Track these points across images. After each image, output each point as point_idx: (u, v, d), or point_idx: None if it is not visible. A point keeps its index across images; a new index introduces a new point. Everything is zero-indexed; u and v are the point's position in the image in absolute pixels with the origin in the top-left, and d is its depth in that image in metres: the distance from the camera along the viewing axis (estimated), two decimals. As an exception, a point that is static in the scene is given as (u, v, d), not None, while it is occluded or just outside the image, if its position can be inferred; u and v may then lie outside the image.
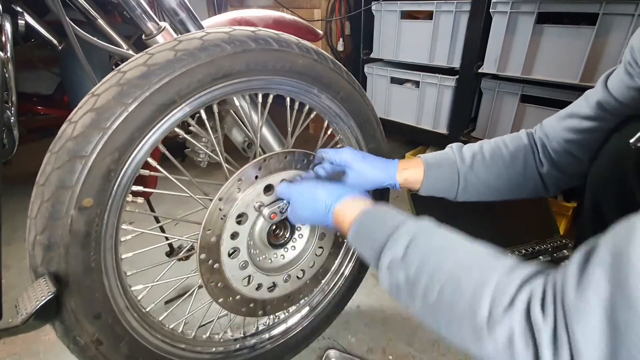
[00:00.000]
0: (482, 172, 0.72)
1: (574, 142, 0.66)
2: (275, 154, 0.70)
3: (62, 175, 0.49)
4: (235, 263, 0.70)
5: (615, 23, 1.25)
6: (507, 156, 0.72)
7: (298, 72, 0.69)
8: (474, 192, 0.74)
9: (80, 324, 0.55)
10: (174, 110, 0.57)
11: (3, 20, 0.83)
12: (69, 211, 0.50)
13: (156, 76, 0.52)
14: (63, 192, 0.49)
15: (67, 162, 0.49)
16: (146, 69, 0.52)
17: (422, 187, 0.75)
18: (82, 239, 0.52)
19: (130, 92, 0.51)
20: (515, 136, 0.75)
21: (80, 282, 0.53)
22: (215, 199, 0.64)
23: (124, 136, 0.51)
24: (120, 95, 0.51)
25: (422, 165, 0.75)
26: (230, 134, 0.91)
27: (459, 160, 0.73)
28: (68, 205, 0.49)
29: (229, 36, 0.59)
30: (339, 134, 0.86)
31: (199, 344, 0.77)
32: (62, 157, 0.49)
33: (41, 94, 1.60)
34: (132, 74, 0.52)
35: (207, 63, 0.56)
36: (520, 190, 0.74)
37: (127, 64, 0.54)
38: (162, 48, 0.55)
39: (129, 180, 0.56)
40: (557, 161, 0.69)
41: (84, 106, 0.51)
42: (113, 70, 0.55)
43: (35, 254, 0.51)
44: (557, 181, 0.72)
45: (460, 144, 0.77)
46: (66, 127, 0.51)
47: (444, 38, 1.66)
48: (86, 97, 0.52)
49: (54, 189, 0.49)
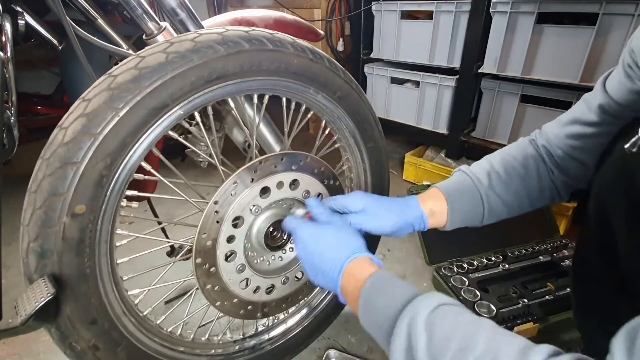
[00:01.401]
0: (502, 189, 0.69)
1: (579, 148, 0.64)
2: (272, 155, 0.69)
3: (54, 182, 0.49)
4: (232, 266, 0.69)
5: (615, 23, 1.25)
6: (520, 168, 0.69)
7: (294, 72, 0.68)
8: (498, 211, 0.70)
9: (77, 330, 0.54)
10: (167, 114, 0.56)
11: (3, 20, 0.83)
12: (62, 218, 0.49)
13: (147, 80, 0.51)
14: (55, 200, 0.49)
15: (59, 168, 0.48)
16: (137, 73, 0.52)
17: (448, 220, 0.69)
18: (76, 245, 0.51)
19: (121, 96, 0.50)
20: (519, 146, 0.73)
21: (75, 288, 0.53)
22: (211, 202, 0.63)
23: (115, 141, 0.51)
24: (111, 100, 0.50)
25: (442, 196, 0.69)
26: (231, 134, 0.90)
27: (476, 181, 0.70)
28: (60, 213, 0.49)
29: (222, 37, 0.58)
30: (337, 134, 0.85)
31: (198, 346, 0.77)
32: (53, 164, 0.49)
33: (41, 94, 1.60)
34: (123, 78, 0.51)
35: (200, 65, 0.55)
36: (540, 200, 0.71)
37: (118, 68, 0.53)
38: (154, 51, 0.54)
39: (122, 185, 0.55)
40: (563, 166, 0.68)
41: (74, 111, 0.51)
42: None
43: (29, 262, 0.51)
44: (566, 186, 0.70)
45: (466, 166, 0.74)
46: (57, 133, 0.50)
47: (444, 38, 1.66)
48: (77, 101, 0.52)
49: (45, 196, 0.49)
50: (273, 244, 0.78)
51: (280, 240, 0.79)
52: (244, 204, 0.67)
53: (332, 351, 0.98)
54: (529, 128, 1.52)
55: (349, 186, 0.92)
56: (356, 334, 1.05)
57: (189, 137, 0.89)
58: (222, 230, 0.65)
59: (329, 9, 2.14)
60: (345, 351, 0.99)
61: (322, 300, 0.96)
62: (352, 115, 0.81)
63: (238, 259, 0.70)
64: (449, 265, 1.21)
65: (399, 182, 1.89)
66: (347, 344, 1.02)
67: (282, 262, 0.80)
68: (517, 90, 1.53)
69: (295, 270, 0.81)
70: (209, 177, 1.79)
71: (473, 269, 1.20)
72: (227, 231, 0.66)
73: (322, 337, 1.03)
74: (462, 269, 1.20)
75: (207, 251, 0.65)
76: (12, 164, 1.02)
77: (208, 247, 0.64)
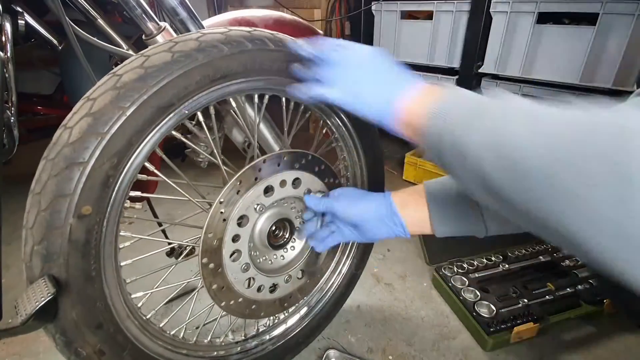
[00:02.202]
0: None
1: None
2: (275, 154, 0.69)
3: (60, 182, 0.48)
4: (237, 266, 0.69)
5: (615, 23, 1.24)
6: None
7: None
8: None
9: (82, 335, 0.54)
10: (172, 113, 0.55)
11: (3, 20, 0.82)
12: (68, 219, 0.49)
13: (154, 78, 0.51)
14: (61, 200, 0.48)
15: (65, 169, 0.48)
16: (143, 72, 0.51)
17: (433, 223, 0.61)
18: (82, 247, 0.51)
19: (128, 95, 0.50)
20: None
21: (81, 292, 0.52)
22: (216, 202, 0.63)
23: (122, 141, 0.50)
24: (117, 99, 0.50)
25: (424, 196, 0.62)
26: (230, 134, 0.90)
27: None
28: (67, 214, 0.48)
29: (225, 37, 0.58)
30: (335, 133, 0.85)
31: (200, 348, 0.77)
32: (59, 164, 0.48)
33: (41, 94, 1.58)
34: (128, 77, 0.51)
35: (205, 64, 0.55)
36: None
37: (122, 67, 0.53)
38: (158, 50, 0.54)
39: (127, 185, 0.55)
40: None
41: (79, 111, 0.50)
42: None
43: (33, 265, 0.50)
44: None
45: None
46: (62, 133, 0.50)
47: (444, 38, 1.66)
48: (81, 101, 0.51)
49: (51, 197, 0.48)
50: (275, 243, 0.78)
51: (282, 239, 0.79)
52: (249, 202, 0.67)
53: (332, 351, 0.98)
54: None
55: (345, 185, 0.93)
56: (356, 334, 1.05)
57: (189, 137, 0.89)
58: (228, 230, 0.65)
59: (329, 9, 2.14)
60: (345, 351, 0.99)
61: (321, 299, 0.96)
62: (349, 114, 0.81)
63: (243, 258, 0.70)
64: (449, 265, 1.21)
65: (399, 182, 1.90)
66: (347, 344, 1.02)
67: (285, 261, 0.80)
68: (516, 90, 1.54)
69: (298, 268, 0.81)
70: (209, 177, 1.78)
71: (473, 269, 1.21)
72: (232, 230, 0.66)
73: (322, 337, 1.03)
74: (462, 269, 1.20)
75: (213, 251, 0.64)
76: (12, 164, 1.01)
77: (214, 246, 0.64)
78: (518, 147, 0.34)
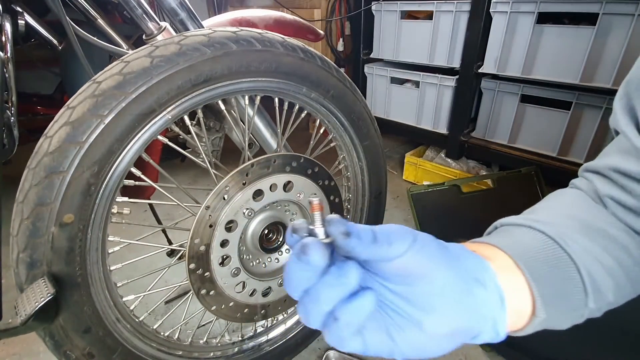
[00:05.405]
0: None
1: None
2: (263, 158, 0.68)
3: (41, 192, 0.48)
4: (227, 270, 0.69)
5: (615, 23, 1.23)
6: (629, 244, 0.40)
7: (285, 72, 0.66)
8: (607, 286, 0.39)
9: (70, 339, 0.55)
10: (155, 119, 0.55)
11: (3, 20, 0.82)
12: (50, 228, 0.49)
13: (132, 85, 0.51)
14: (42, 209, 0.48)
15: (45, 178, 0.48)
16: (121, 78, 0.51)
17: (537, 310, 0.35)
18: (65, 255, 0.51)
19: (106, 103, 0.49)
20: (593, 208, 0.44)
21: (67, 298, 0.53)
22: (202, 207, 0.62)
23: (102, 149, 0.50)
24: (95, 107, 0.49)
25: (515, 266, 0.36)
26: (231, 135, 0.89)
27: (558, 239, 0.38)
28: (48, 223, 0.49)
29: (208, 39, 0.57)
30: (332, 133, 0.83)
31: (196, 349, 0.77)
32: (39, 174, 0.48)
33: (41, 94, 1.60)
34: (107, 84, 0.50)
35: (186, 68, 0.55)
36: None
37: (102, 74, 0.52)
38: (138, 55, 0.53)
39: (111, 192, 0.54)
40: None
41: (59, 119, 0.50)
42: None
43: (20, 272, 0.50)
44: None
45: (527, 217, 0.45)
46: (42, 142, 0.50)
47: (444, 38, 1.65)
48: (62, 109, 0.51)
49: (33, 207, 0.48)
50: (269, 247, 0.77)
51: (275, 242, 0.78)
52: (237, 207, 0.66)
53: (331, 352, 0.97)
54: (529, 128, 1.51)
55: (345, 185, 0.91)
56: (357, 333, 1.04)
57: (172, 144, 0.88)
58: (215, 235, 0.64)
59: (329, 9, 2.13)
60: (345, 352, 0.99)
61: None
62: (346, 113, 0.79)
63: (233, 263, 0.69)
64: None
65: (399, 182, 1.88)
66: (348, 343, 1.01)
67: (279, 264, 0.79)
68: (517, 90, 1.52)
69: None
70: (209, 178, 1.79)
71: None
72: (220, 236, 0.65)
73: (322, 337, 1.02)
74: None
75: (200, 256, 0.64)
76: (12, 164, 1.02)
77: (201, 252, 0.64)
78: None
